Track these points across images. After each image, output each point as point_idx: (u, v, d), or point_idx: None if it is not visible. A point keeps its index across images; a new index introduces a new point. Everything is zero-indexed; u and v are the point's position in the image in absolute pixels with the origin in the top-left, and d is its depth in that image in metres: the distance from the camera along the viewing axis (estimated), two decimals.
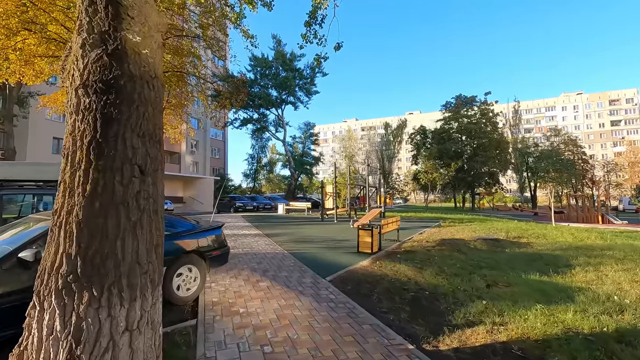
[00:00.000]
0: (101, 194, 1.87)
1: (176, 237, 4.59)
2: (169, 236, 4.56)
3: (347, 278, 5.60)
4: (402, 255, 7.51)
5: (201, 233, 4.92)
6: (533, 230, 11.93)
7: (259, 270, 6.02)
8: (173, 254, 4.42)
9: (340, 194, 19.43)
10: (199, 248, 4.78)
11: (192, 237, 4.76)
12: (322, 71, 33.25)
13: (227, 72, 25.49)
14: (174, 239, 4.56)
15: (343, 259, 7.05)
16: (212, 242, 5.05)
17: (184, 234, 4.69)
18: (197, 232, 4.88)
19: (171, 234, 4.60)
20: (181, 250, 4.57)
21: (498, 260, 7.18)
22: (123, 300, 1.91)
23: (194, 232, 4.82)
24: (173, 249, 4.47)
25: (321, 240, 9.86)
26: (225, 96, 15.98)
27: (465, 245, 8.89)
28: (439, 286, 5.08)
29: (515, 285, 5.22)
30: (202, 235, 4.91)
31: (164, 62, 14.60)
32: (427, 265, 6.53)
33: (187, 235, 4.73)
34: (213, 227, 5.17)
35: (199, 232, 4.90)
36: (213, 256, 4.96)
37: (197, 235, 4.84)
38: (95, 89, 1.99)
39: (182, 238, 4.64)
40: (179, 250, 4.54)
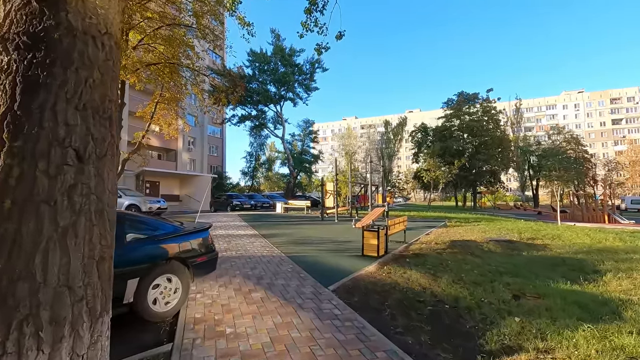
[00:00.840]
0: (14, 188, 1.27)
1: (153, 241, 3.90)
2: (144, 241, 3.87)
3: (352, 287, 4.91)
4: (411, 259, 6.83)
5: (184, 236, 4.23)
6: (545, 231, 11.27)
7: (253, 278, 5.33)
8: (149, 262, 3.73)
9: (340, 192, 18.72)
10: (180, 254, 4.08)
11: (172, 241, 4.06)
12: (322, 66, 32.53)
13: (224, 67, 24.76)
14: (150, 244, 3.86)
15: (347, 264, 6.36)
16: (197, 247, 4.35)
17: (162, 238, 3.99)
18: (179, 235, 4.18)
19: (146, 238, 3.91)
20: (159, 257, 3.88)
21: (517, 264, 6.51)
22: (42, 342, 1.29)
23: (175, 236, 4.13)
24: (148, 256, 3.78)
25: (322, 242, 9.17)
26: (221, 89, 15.26)
27: (477, 247, 8.22)
28: (459, 298, 4.40)
29: (547, 296, 4.55)
30: (184, 238, 4.21)
31: (156, 54, 13.88)
32: (440, 271, 5.85)
33: (167, 239, 4.03)
34: (198, 229, 4.48)
35: (181, 235, 4.20)
36: (198, 263, 4.27)
37: (178, 238, 4.14)
38: (18, 44, 1.39)
39: (160, 242, 3.94)
40: (156, 257, 3.85)
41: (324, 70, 32.94)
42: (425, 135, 41.74)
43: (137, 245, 3.77)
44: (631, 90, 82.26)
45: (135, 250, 3.70)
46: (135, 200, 16.16)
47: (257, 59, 32.75)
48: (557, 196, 23.58)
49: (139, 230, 4.02)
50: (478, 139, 36.84)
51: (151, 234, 3.99)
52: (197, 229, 4.45)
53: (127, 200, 16.15)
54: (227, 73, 18.82)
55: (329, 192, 16.25)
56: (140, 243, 3.81)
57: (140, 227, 4.07)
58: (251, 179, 47.42)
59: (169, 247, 4.01)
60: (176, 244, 4.07)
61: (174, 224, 4.41)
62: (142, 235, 3.95)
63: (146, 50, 14.07)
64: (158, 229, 4.12)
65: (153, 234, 4.00)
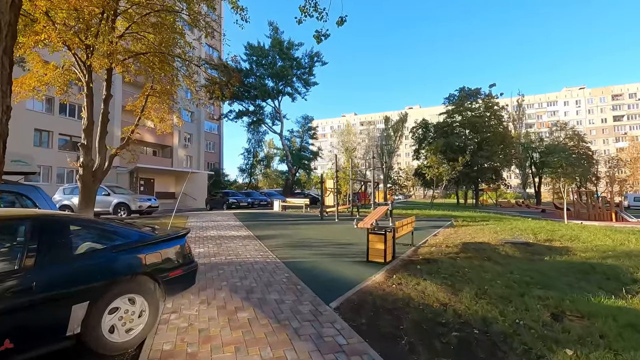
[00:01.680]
0: None
1: (111, 253, 3.11)
2: (100, 252, 3.08)
3: (358, 304, 4.14)
4: (422, 265, 6.06)
5: (153, 245, 3.43)
6: (560, 231, 10.53)
7: (242, 291, 4.55)
8: (104, 279, 2.94)
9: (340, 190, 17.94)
10: (148, 267, 3.30)
11: (138, 251, 3.28)
12: (321, 60, 31.62)
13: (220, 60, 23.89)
14: (107, 256, 3.07)
15: (350, 272, 5.60)
16: (170, 258, 3.56)
17: (124, 248, 3.20)
18: (147, 244, 3.39)
19: (104, 248, 3.12)
20: (119, 273, 3.09)
21: (543, 272, 5.75)
22: None
23: (141, 245, 3.34)
24: (104, 272, 2.98)
25: (321, 244, 8.40)
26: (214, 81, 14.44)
27: (493, 251, 7.46)
28: (489, 319, 3.63)
29: (592, 315, 3.78)
30: (154, 248, 3.42)
31: (144, 43, 13.01)
32: (459, 281, 5.08)
33: (131, 249, 3.25)
34: (172, 236, 3.69)
35: (150, 244, 3.41)
36: (171, 278, 3.48)
37: (146, 248, 3.35)
38: None
39: (120, 254, 3.16)
40: (114, 272, 3.06)
41: (323, 63, 32.04)
42: (426, 132, 40.92)
43: (90, 258, 2.98)
44: (633, 87, 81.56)
45: (86, 264, 2.91)
46: (124, 198, 15.33)
47: (254, 53, 31.81)
48: (563, 193, 22.83)
49: (95, 238, 3.23)
50: (480, 135, 36.05)
51: (111, 244, 3.21)
52: (170, 236, 3.66)
53: (115, 199, 15.32)
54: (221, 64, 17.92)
55: (329, 190, 15.47)
56: (94, 256, 3.02)
57: (97, 235, 3.28)
58: (249, 176, 46.58)
59: (133, 260, 3.23)
60: (142, 255, 3.28)
61: (142, 230, 3.61)
62: (100, 245, 3.17)
63: (134, 39, 13.22)
64: (120, 237, 3.33)
65: (113, 244, 3.21)
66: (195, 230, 10.77)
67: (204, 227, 11.59)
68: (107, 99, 13.09)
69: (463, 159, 25.37)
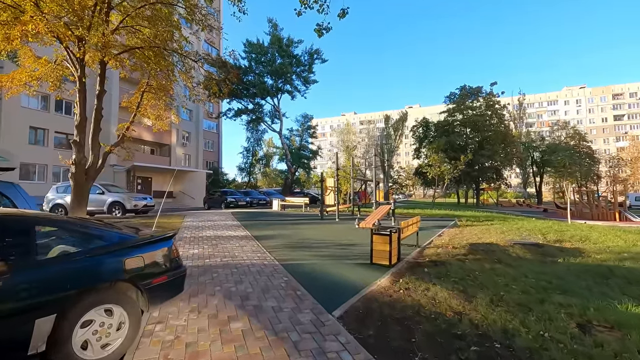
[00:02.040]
0: None
1: (85, 258, 2.73)
2: (71, 257, 2.70)
3: (364, 312, 3.77)
4: (430, 268, 5.70)
5: (136, 249, 3.05)
6: (569, 232, 10.18)
7: (236, 297, 4.18)
8: (76, 288, 2.57)
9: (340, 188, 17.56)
10: (129, 274, 2.92)
11: (117, 255, 2.90)
12: (321, 57, 31.22)
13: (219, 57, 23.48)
14: (81, 262, 2.69)
15: (353, 275, 5.23)
16: (154, 263, 3.18)
17: (101, 252, 2.83)
18: (129, 248, 3.01)
19: (77, 252, 2.75)
20: (94, 280, 2.72)
21: (559, 275, 5.38)
22: None
23: (122, 248, 2.96)
24: (77, 279, 2.61)
25: (322, 245, 8.03)
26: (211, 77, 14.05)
27: (503, 252, 7.10)
28: (510, 331, 3.26)
29: (622, 325, 3.42)
30: (136, 251, 3.03)
31: (139, 37, 12.61)
32: (471, 286, 4.72)
33: (109, 253, 2.87)
34: (157, 239, 3.30)
35: (132, 248, 3.03)
36: (155, 285, 3.11)
37: (127, 252, 2.97)
38: None
39: (97, 259, 2.78)
40: (89, 279, 2.68)
41: (323, 61, 31.64)
42: (427, 130, 40.55)
43: (59, 264, 2.60)
44: (634, 86, 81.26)
45: (54, 272, 2.53)
46: (118, 197, 14.92)
47: (253, 50, 31.41)
48: (567, 193, 22.50)
49: (68, 241, 2.86)
50: (481, 134, 35.70)
51: (86, 247, 2.83)
52: (155, 238, 3.27)
53: (110, 197, 14.91)
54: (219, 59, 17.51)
55: (330, 189, 15.10)
56: (64, 261, 2.64)
57: (70, 237, 2.91)
58: (248, 175, 46.18)
59: (111, 265, 2.85)
60: (122, 260, 2.90)
61: (123, 232, 3.23)
62: (73, 249, 2.79)
63: (129, 33, 12.82)
64: (97, 239, 2.96)
65: (88, 247, 2.84)
66: (191, 230, 10.40)
67: (201, 227, 11.21)
68: (100, 94, 12.69)
69: (465, 157, 24.98)
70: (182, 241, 8.34)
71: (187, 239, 8.69)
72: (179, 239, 8.63)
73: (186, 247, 7.50)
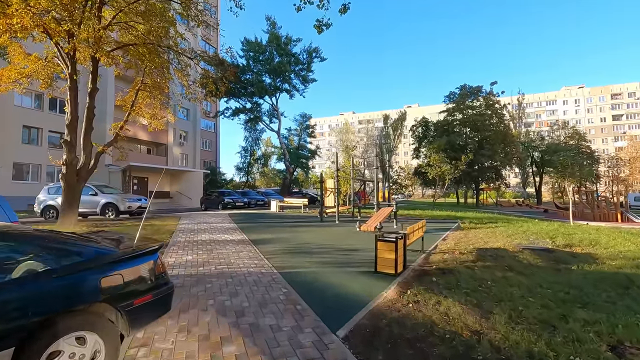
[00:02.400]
0: None
1: (54, 277, 2.35)
2: (36, 278, 2.33)
3: (372, 331, 3.42)
4: (438, 277, 5.35)
5: (115, 265, 2.67)
6: (576, 235, 9.87)
7: (231, 313, 3.81)
8: (41, 315, 2.20)
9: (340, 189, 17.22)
10: (106, 294, 2.55)
11: (93, 273, 2.52)
12: (320, 55, 30.85)
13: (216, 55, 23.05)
14: (48, 283, 2.31)
15: (357, 286, 4.87)
16: (136, 281, 2.80)
17: (74, 271, 2.45)
18: (106, 264, 2.63)
19: (45, 272, 2.37)
20: (64, 304, 2.34)
21: (576, 285, 5.05)
22: None
23: (98, 265, 2.58)
24: (42, 304, 2.23)
25: (323, 251, 7.67)
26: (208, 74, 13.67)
27: (513, 259, 6.76)
28: (536, 355, 2.92)
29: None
30: (115, 268, 2.66)
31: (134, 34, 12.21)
32: (484, 298, 4.38)
33: (83, 271, 2.49)
34: (139, 253, 2.91)
35: (110, 264, 2.65)
36: (138, 307, 2.73)
37: (105, 269, 2.59)
38: None
39: (68, 279, 2.40)
40: (57, 303, 2.31)
41: (322, 59, 31.28)
42: (427, 130, 40.24)
43: (20, 287, 2.22)
44: (632, 86, 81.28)
45: (13, 296, 2.16)
46: (112, 198, 14.50)
47: (251, 48, 31.00)
48: (569, 193, 22.21)
49: (36, 258, 2.48)
50: (481, 134, 35.42)
51: (57, 265, 2.46)
52: (137, 252, 2.89)
53: (103, 199, 14.49)
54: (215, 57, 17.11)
55: (329, 190, 14.74)
56: (27, 283, 2.26)
57: (38, 254, 2.53)
58: (246, 175, 45.75)
59: (86, 285, 2.47)
60: (99, 278, 2.53)
61: (101, 245, 2.86)
62: (42, 267, 2.42)
63: (122, 29, 12.41)
64: (70, 255, 2.59)
65: (59, 265, 2.47)
66: (186, 234, 10.02)
67: (196, 230, 10.83)
68: (92, 92, 12.28)
69: (466, 157, 24.70)
70: (176, 246, 7.97)
71: (181, 244, 8.31)
72: (172, 244, 8.26)
73: (179, 253, 7.13)
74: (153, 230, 10.70)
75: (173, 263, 6.19)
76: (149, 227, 11.29)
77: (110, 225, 11.67)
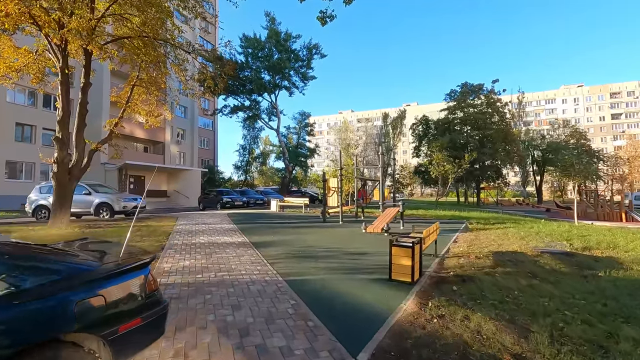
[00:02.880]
0: None
1: (12, 304, 1.87)
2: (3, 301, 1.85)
3: (397, 355, 2.96)
4: (458, 286, 4.91)
5: (94, 285, 2.19)
6: (591, 236, 9.47)
7: (234, 331, 3.35)
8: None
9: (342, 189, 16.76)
10: (84, 322, 2.07)
11: (64, 297, 2.04)
12: (320, 52, 30.32)
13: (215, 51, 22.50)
14: (8, 310, 1.83)
15: (372, 296, 4.42)
16: (122, 302, 2.33)
17: (38, 295, 1.97)
18: (83, 284, 2.15)
19: (5, 295, 1.90)
20: (24, 340, 1.85)
21: (610, 295, 4.62)
22: None
23: (71, 286, 2.10)
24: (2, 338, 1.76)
25: (330, 255, 7.21)
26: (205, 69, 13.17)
27: (533, 264, 6.33)
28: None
29: None
30: (94, 288, 2.18)
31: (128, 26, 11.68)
32: (515, 311, 3.94)
33: (52, 295, 2.01)
34: (126, 268, 2.42)
35: (88, 284, 2.17)
36: (124, 334, 2.26)
37: (80, 290, 2.11)
38: None
39: (30, 306, 1.92)
40: (14, 340, 1.82)
41: (322, 56, 30.78)
42: (427, 129, 39.85)
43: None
44: (631, 85, 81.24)
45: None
46: (106, 197, 13.97)
47: (250, 45, 30.43)
48: (574, 193, 21.88)
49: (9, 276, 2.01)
50: (482, 132, 35.04)
51: (17, 289, 1.98)
52: (122, 268, 2.41)
53: (96, 198, 13.95)
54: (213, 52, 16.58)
55: (332, 189, 14.30)
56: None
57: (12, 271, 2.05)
58: (244, 173, 45.22)
59: (54, 313, 2.00)
60: (73, 302, 2.05)
61: (78, 260, 2.39)
62: (3, 289, 1.94)
63: (117, 20, 11.88)
64: (36, 275, 2.11)
65: (21, 289, 1.99)
66: (183, 236, 9.53)
67: (194, 232, 10.35)
68: (85, 87, 11.73)
69: (470, 156, 24.30)
70: (173, 250, 7.49)
71: (179, 247, 7.83)
72: (168, 247, 7.78)
73: (176, 258, 6.65)
74: (149, 231, 10.21)
75: (169, 269, 5.72)
76: (144, 228, 10.80)
77: (104, 227, 11.16)
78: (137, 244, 8.07)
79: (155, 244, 8.01)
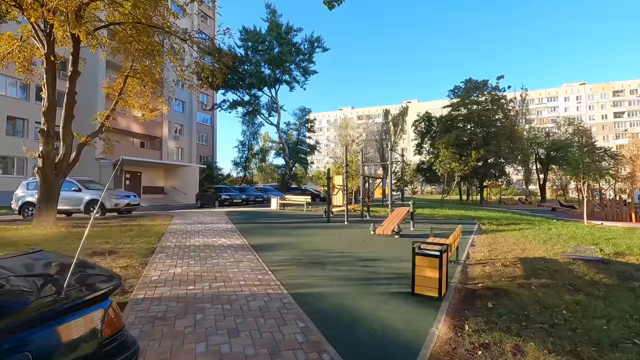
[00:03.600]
0: None
1: None
2: None
3: None
4: (493, 301, 4.20)
5: (17, 333, 1.47)
6: (616, 239, 8.78)
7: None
8: None
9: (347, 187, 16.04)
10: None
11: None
12: (322, 45, 29.47)
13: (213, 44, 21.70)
14: None
15: (395, 317, 3.72)
16: (71, 349, 1.60)
17: None
18: (17, 329, 1.43)
19: None
20: None
21: None
22: None
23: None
24: None
25: (339, 261, 6.50)
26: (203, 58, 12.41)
27: (569, 273, 5.62)
28: None
29: None
30: (17, 339, 1.45)
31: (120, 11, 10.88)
32: (573, 338, 3.23)
33: None
34: (72, 304, 1.68)
35: (15, 330, 1.45)
36: None
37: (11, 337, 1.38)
38: None
39: None
40: None
41: (324, 50, 29.91)
42: (430, 125, 39.09)
43: None
44: (634, 83, 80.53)
45: None
46: (97, 194, 13.19)
47: (249, 38, 29.55)
48: (583, 191, 21.16)
49: None
50: (486, 130, 34.28)
51: None
52: (65, 305, 1.66)
53: (87, 195, 13.18)
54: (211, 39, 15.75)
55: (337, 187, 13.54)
56: None
57: None
58: (243, 170, 44.45)
59: None
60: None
61: (8, 290, 1.66)
62: None
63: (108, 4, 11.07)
64: None
65: None
66: (177, 237, 8.80)
67: (189, 232, 9.62)
68: (73, 75, 10.94)
69: (477, 153, 23.54)
70: (164, 253, 6.76)
71: (170, 250, 7.11)
72: (159, 250, 7.04)
73: (167, 264, 5.92)
74: (140, 231, 9.48)
75: (157, 279, 4.99)
76: (136, 228, 10.08)
77: (94, 225, 10.42)
78: (125, 245, 7.37)
79: (145, 247, 7.28)
